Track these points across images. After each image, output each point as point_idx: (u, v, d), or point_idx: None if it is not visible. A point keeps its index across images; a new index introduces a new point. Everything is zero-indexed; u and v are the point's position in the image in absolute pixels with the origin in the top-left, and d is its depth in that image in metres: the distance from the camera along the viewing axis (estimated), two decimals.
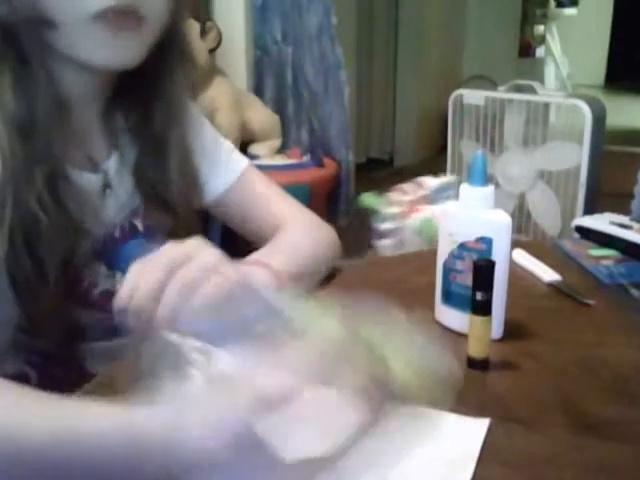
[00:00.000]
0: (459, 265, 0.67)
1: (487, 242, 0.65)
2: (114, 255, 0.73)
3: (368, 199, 1.67)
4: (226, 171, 0.84)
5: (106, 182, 0.72)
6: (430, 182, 1.71)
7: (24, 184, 0.60)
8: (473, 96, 2.71)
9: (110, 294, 0.73)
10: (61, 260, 0.63)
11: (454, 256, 0.68)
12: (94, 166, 0.71)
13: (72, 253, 0.65)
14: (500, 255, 0.65)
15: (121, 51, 0.65)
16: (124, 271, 0.74)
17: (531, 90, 2.61)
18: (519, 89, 2.67)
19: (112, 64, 0.66)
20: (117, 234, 0.74)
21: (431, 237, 1.86)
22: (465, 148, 2.70)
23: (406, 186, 1.71)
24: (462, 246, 0.67)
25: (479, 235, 0.66)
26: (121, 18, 0.62)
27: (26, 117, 0.61)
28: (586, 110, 2.38)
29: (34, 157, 0.61)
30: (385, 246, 1.62)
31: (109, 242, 0.73)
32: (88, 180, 0.70)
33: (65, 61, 0.65)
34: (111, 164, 0.73)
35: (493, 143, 2.61)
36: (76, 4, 0.61)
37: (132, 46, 0.65)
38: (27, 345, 0.69)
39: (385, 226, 1.63)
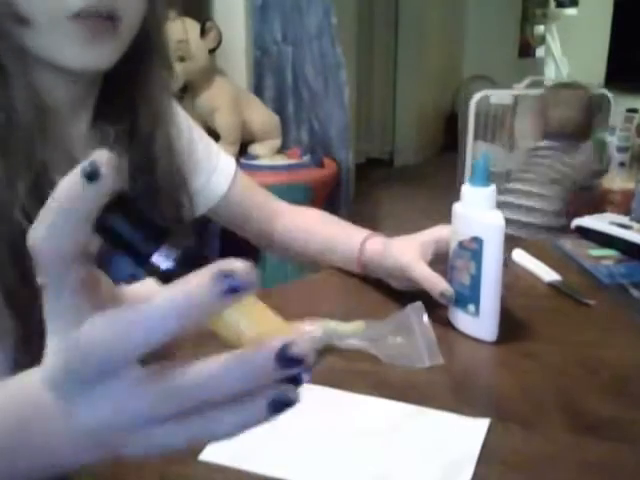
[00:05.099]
0: (459, 263, 0.67)
1: (479, 242, 0.65)
2: (104, 265, 0.73)
3: None
4: (222, 175, 0.86)
5: None
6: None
7: (6, 195, 0.59)
8: (501, 96, 2.81)
9: None
10: None
11: (455, 254, 0.68)
12: None
13: None
14: (490, 256, 0.64)
15: (97, 53, 0.64)
16: (114, 280, 0.72)
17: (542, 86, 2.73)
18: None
19: (87, 66, 0.65)
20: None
21: None
22: (477, 147, 2.75)
23: (627, 117, 2.68)
24: (460, 244, 0.67)
25: (473, 235, 0.65)
26: (98, 20, 0.61)
27: (4, 125, 0.59)
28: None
29: (15, 167, 0.60)
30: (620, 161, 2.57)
31: (100, 252, 0.72)
32: None
33: (42, 66, 0.63)
34: None
35: (509, 140, 2.68)
36: (51, 4, 0.60)
37: (108, 48, 0.64)
38: (26, 363, 0.68)
39: (621, 144, 2.59)
